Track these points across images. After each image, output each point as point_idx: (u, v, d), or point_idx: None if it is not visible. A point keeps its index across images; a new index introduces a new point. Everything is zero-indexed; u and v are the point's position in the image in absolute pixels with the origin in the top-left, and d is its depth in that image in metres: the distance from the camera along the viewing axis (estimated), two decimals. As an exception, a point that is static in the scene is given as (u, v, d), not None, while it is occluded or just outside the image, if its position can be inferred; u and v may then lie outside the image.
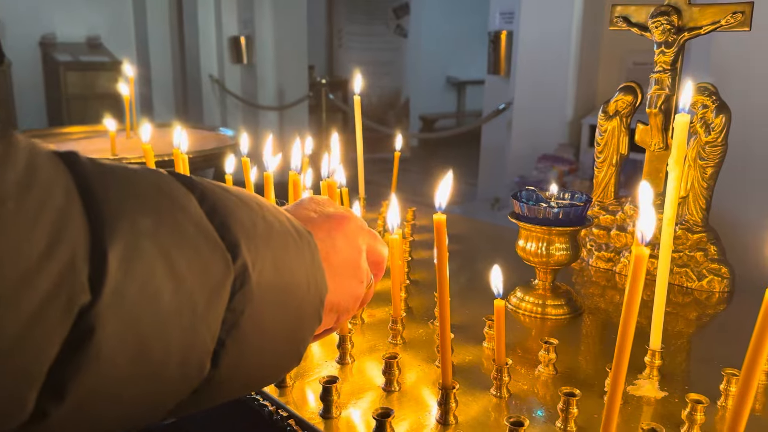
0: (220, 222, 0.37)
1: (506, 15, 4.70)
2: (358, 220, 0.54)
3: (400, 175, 1.30)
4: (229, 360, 0.37)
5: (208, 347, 0.35)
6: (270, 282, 0.39)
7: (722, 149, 1.00)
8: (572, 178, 3.91)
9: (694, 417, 0.63)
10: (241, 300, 0.37)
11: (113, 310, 0.30)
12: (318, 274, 0.44)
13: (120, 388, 0.32)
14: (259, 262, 0.38)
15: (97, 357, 0.29)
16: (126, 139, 2.33)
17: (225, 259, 0.36)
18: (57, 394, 0.29)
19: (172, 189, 0.36)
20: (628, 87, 1.10)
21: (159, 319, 0.32)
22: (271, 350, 0.41)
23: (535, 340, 0.85)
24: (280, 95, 6.15)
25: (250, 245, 0.38)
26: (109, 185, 0.32)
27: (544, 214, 0.91)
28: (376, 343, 0.85)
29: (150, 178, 0.35)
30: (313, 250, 0.44)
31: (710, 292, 1.04)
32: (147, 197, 0.34)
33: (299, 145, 0.92)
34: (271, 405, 0.70)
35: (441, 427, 0.65)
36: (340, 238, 0.51)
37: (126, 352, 0.31)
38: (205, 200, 0.37)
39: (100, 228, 0.30)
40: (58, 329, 0.28)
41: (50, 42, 5.86)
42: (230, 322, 0.36)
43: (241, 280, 0.37)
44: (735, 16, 0.96)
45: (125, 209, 0.32)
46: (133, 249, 0.31)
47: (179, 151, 1.00)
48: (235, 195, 0.40)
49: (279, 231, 0.41)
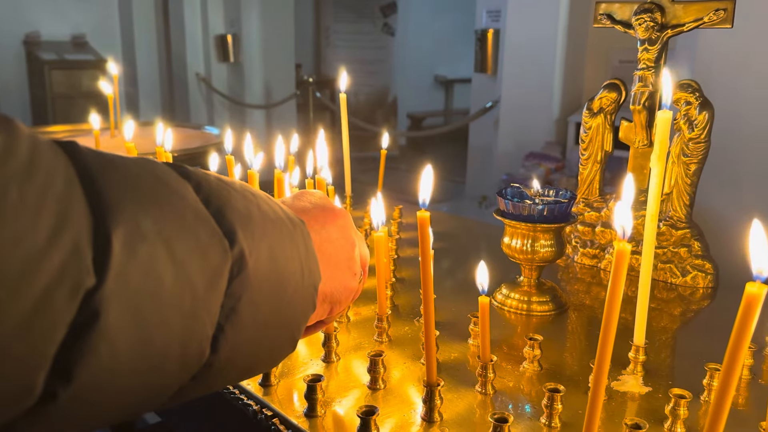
0: (217, 209, 0.38)
1: (493, 13, 4.71)
2: (349, 219, 0.55)
3: (388, 174, 1.29)
4: (227, 345, 0.37)
5: (208, 332, 0.36)
6: (266, 269, 0.39)
7: (705, 146, 1.01)
8: (559, 175, 3.93)
9: (677, 412, 0.63)
10: (239, 286, 0.37)
11: (117, 293, 0.30)
12: (311, 262, 0.45)
13: (124, 371, 0.32)
14: (255, 249, 0.39)
15: (103, 340, 0.30)
16: (110, 137, 2.31)
17: (223, 246, 0.36)
18: (65, 376, 0.29)
19: (169, 177, 0.36)
20: (612, 84, 1.11)
21: (161, 303, 0.33)
22: (267, 336, 0.42)
23: (521, 336, 0.86)
24: (267, 94, 6.13)
25: (246, 232, 0.38)
26: (109, 173, 0.33)
27: (529, 211, 0.91)
28: (361, 341, 0.84)
29: (147, 166, 0.36)
30: (307, 239, 0.45)
31: (694, 288, 1.04)
32: (146, 185, 0.35)
33: (282, 143, 0.91)
34: (256, 404, 0.69)
35: (426, 424, 0.65)
36: (335, 230, 0.52)
37: (130, 336, 0.31)
38: (200, 189, 0.38)
39: (102, 213, 0.31)
40: (64, 313, 0.29)
41: (34, 40, 5.79)
42: (229, 308, 0.37)
43: (239, 266, 0.37)
44: (717, 13, 0.97)
45: (126, 196, 0.32)
46: (135, 234, 0.32)
47: (163, 149, 0.99)
48: (229, 184, 0.41)
49: (273, 220, 0.42)
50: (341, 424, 0.66)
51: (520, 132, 4.38)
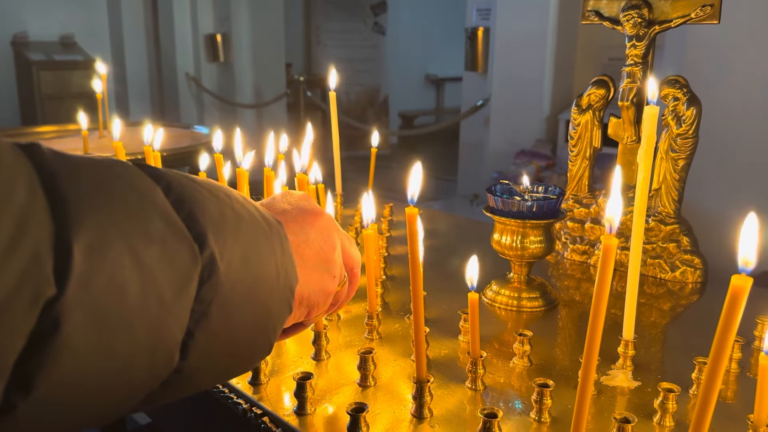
0: (187, 213, 0.37)
1: (483, 11, 4.72)
2: (332, 219, 0.55)
3: (380, 172, 1.29)
4: (198, 351, 0.37)
5: (177, 338, 0.35)
6: (238, 272, 0.39)
7: (693, 141, 1.01)
8: (550, 173, 3.94)
9: (666, 405, 0.64)
10: (210, 290, 0.37)
11: (79, 302, 0.30)
12: (288, 264, 0.44)
13: (87, 380, 0.31)
14: (227, 253, 0.38)
15: (64, 349, 0.29)
16: (99, 137, 2.30)
17: (192, 250, 0.36)
18: (24, 387, 0.29)
19: (138, 180, 0.36)
20: (601, 80, 1.11)
21: (126, 311, 0.32)
22: (241, 340, 0.41)
23: (511, 333, 0.86)
24: (257, 93, 6.12)
25: (217, 236, 0.38)
26: (73, 178, 0.32)
27: (518, 208, 0.91)
28: (352, 338, 0.84)
29: (115, 169, 0.35)
30: (283, 241, 0.44)
31: (683, 283, 1.05)
32: (112, 189, 0.34)
33: (273, 141, 0.91)
34: (245, 403, 0.69)
35: (416, 420, 0.65)
36: (313, 231, 0.51)
37: (93, 345, 0.31)
38: (171, 191, 0.37)
39: (64, 220, 0.30)
40: (23, 322, 0.28)
41: (22, 41, 5.75)
42: (199, 313, 0.36)
43: (209, 271, 0.37)
44: (704, 9, 0.97)
45: (90, 201, 0.32)
46: (98, 241, 0.31)
47: (151, 149, 0.99)
48: (202, 186, 0.40)
49: (248, 221, 0.41)
50: (331, 421, 0.66)
51: (510, 130, 4.39)
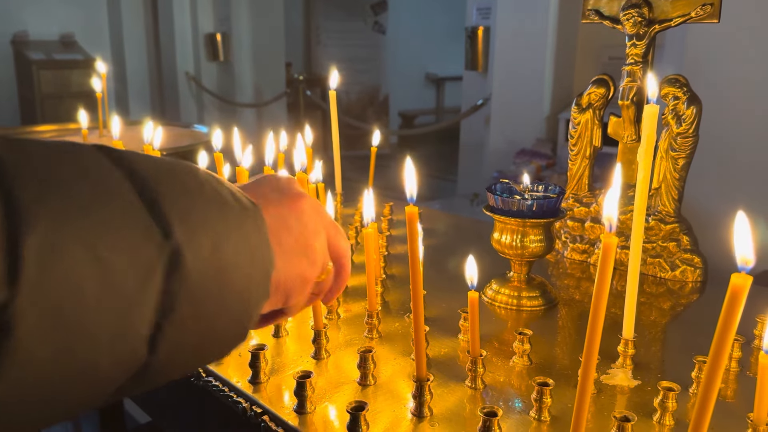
0: (151, 200, 0.35)
1: (483, 11, 4.72)
2: (318, 205, 0.52)
3: (380, 172, 1.29)
4: (167, 344, 0.35)
5: (142, 334, 0.34)
6: (207, 260, 0.37)
7: (693, 140, 1.01)
8: (550, 172, 3.94)
9: (666, 404, 0.64)
10: (176, 281, 0.35)
11: (32, 305, 0.28)
12: (264, 249, 0.43)
13: (47, 381, 0.30)
14: (195, 240, 0.36)
15: (18, 353, 0.28)
16: (99, 136, 2.30)
17: (155, 240, 0.34)
18: None
19: (97, 167, 0.34)
20: (601, 80, 1.11)
21: (84, 311, 0.31)
22: (214, 330, 0.39)
23: (511, 332, 0.86)
24: (257, 92, 6.12)
25: (184, 223, 0.36)
26: (25, 171, 0.30)
27: (518, 207, 0.91)
28: (352, 337, 0.84)
29: (71, 153, 0.33)
30: (260, 224, 0.43)
31: (683, 282, 1.05)
32: (68, 180, 0.32)
33: (272, 140, 0.91)
34: (245, 401, 0.69)
35: (416, 419, 0.65)
36: (293, 216, 0.49)
37: (49, 346, 0.30)
38: (134, 176, 0.35)
39: (13, 219, 0.28)
40: None
41: (22, 40, 5.75)
42: (166, 305, 0.34)
43: (175, 261, 0.35)
44: (704, 8, 0.97)
45: (42, 197, 0.30)
46: (51, 239, 0.29)
47: (151, 147, 0.99)
48: (172, 168, 0.38)
49: (220, 205, 0.39)
50: (331, 420, 0.66)
51: (510, 129, 4.39)
